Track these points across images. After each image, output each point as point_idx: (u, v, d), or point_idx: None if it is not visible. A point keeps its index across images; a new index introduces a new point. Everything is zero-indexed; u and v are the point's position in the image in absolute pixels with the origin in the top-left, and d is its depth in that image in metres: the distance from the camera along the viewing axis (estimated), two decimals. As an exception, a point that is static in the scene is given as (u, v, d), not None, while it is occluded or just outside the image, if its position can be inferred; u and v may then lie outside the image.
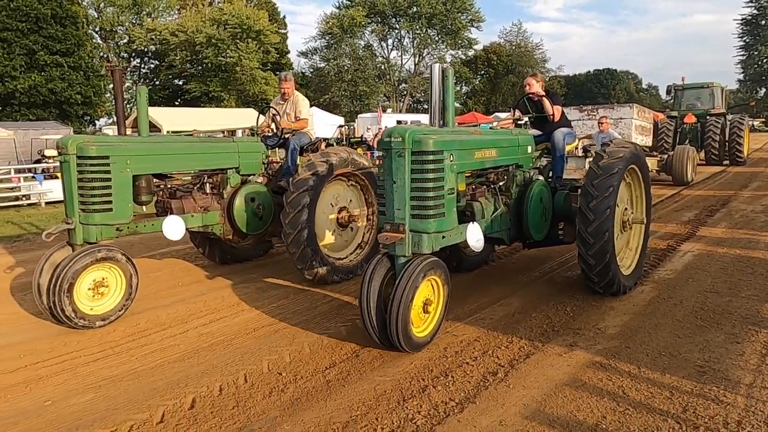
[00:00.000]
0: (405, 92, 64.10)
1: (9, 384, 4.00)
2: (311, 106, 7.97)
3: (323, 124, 33.36)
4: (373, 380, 3.86)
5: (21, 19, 33.54)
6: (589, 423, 3.22)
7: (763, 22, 66.26)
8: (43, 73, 34.76)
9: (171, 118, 28.65)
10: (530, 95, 6.50)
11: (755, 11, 67.30)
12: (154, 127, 26.65)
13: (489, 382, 3.78)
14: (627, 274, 5.65)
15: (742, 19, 68.65)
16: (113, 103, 46.75)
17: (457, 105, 69.94)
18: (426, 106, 65.31)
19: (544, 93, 6.46)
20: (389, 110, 52.13)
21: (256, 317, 5.30)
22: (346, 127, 38.83)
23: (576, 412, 3.36)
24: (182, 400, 3.66)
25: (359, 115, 43.89)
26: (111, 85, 48.73)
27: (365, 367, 4.09)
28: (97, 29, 48.66)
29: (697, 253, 7.34)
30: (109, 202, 5.27)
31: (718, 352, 4.16)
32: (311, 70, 62.58)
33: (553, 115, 6.37)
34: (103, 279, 5.20)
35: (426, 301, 4.23)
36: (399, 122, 34.73)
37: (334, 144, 8.17)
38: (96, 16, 48.31)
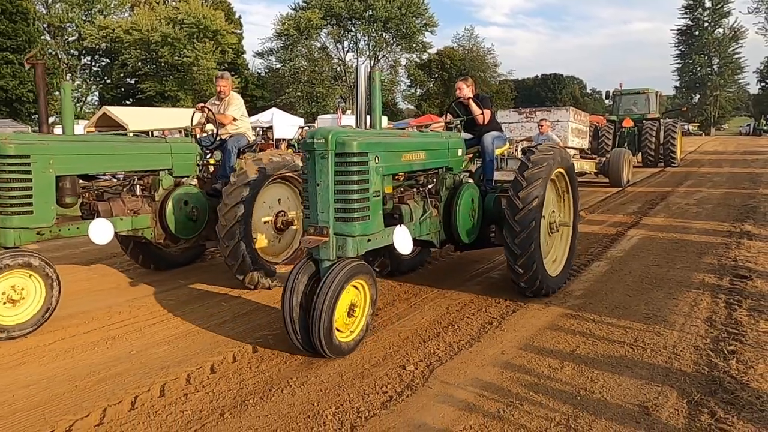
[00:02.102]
0: (362, 94, 63.93)
1: None
2: (271, 107, 7.71)
3: (284, 125, 32.94)
4: (395, 330, 4.76)
5: (-29, 15, 31.97)
6: (567, 351, 4.26)
7: (697, 32, 68.96)
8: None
9: (136, 118, 27.71)
10: (460, 99, 6.45)
11: (689, 22, 70.01)
12: (120, 127, 25.76)
13: (487, 328, 4.78)
14: (554, 276, 5.66)
15: (678, 29, 71.33)
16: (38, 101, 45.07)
17: (412, 107, 70.21)
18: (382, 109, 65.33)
19: (470, 96, 6.41)
20: (348, 111, 51.84)
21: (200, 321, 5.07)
22: (307, 127, 38.41)
23: (556, 344, 4.41)
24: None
25: (319, 116, 43.55)
26: (77, 83, 47.18)
27: (386, 322, 4.93)
28: (45, 25, 46.73)
29: (641, 237, 8.50)
30: (29, 204, 4.89)
31: (659, 304, 5.29)
32: (267, 70, 61.71)
33: (482, 116, 6.33)
34: (21, 288, 4.78)
35: (351, 305, 4.10)
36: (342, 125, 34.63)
37: (295, 144, 7.94)
38: (45, 11, 46.36)
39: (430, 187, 5.26)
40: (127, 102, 48.51)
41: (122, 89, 51.07)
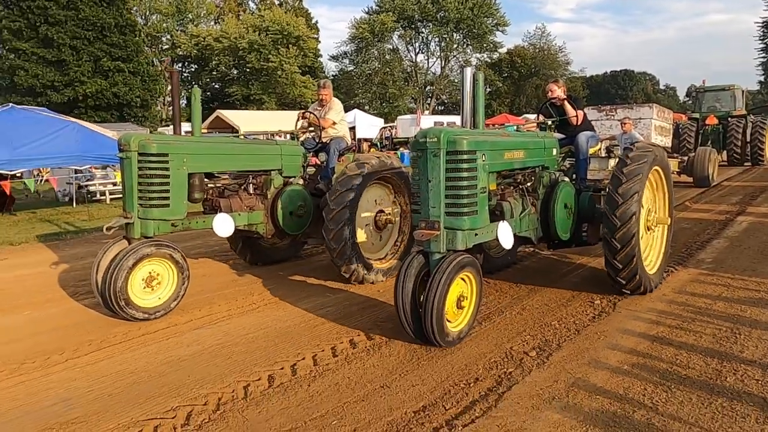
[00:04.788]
0: (431, 94, 63.72)
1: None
2: (353, 108, 7.95)
3: (365, 125, 33.55)
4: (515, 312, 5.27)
5: (88, 27, 34.53)
6: (714, 294, 5.36)
7: (784, 25, 63.65)
8: (107, 79, 35.73)
9: (245, 120, 29.41)
10: (553, 100, 6.42)
11: (776, 14, 64.70)
12: (231, 129, 27.43)
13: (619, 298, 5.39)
14: (652, 273, 5.52)
15: (763, 22, 66.10)
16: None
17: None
18: (452, 108, 64.86)
19: (564, 97, 6.37)
20: (426, 112, 52.00)
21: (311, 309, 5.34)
22: (388, 128, 38.97)
23: (704, 291, 5.52)
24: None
25: (399, 117, 43.95)
26: (170, 87, 49.94)
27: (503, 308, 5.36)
28: (143, 35, 49.77)
29: (750, 221, 9.41)
30: (167, 198, 5.27)
31: (779, 268, 6.31)
32: (341, 73, 62.63)
33: (576, 117, 6.28)
34: (157, 274, 5.18)
35: (460, 297, 4.20)
36: (436, 123, 34.73)
37: (377, 144, 8.11)
38: (143, 23, 49.27)
39: (528, 185, 5.29)
40: (212, 105, 50.78)
41: (209, 93, 53.41)
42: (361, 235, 6.23)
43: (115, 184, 15.54)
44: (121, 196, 5.84)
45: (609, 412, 3.22)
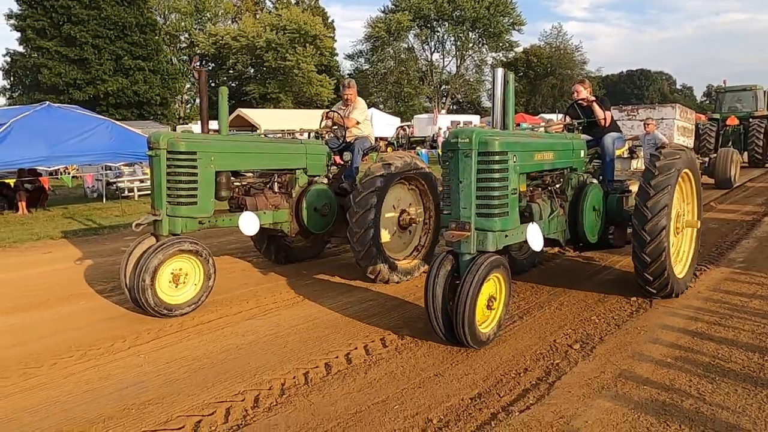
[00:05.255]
0: (446, 93, 63.47)
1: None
2: (370, 107, 7.90)
3: (382, 124, 33.58)
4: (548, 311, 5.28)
5: (109, 26, 34.99)
6: (749, 293, 5.41)
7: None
8: (128, 77, 36.11)
9: (265, 119, 29.64)
10: (579, 101, 6.33)
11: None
12: (252, 127, 27.64)
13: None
14: (680, 278, 5.42)
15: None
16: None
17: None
18: (466, 107, 64.57)
19: (593, 99, 6.28)
20: (443, 111, 51.85)
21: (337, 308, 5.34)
22: (405, 126, 38.89)
23: (737, 289, 5.55)
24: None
25: (415, 116, 43.86)
26: (186, 86, 50.34)
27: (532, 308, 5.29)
28: (162, 34, 50.12)
29: None
30: (195, 196, 5.28)
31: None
32: (356, 72, 62.54)
33: (604, 119, 6.19)
34: (185, 273, 5.17)
35: (490, 298, 4.15)
36: (453, 122, 34.68)
37: (394, 143, 8.05)
38: (162, 22, 49.62)
39: (557, 186, 5.22)
40: (229, 103, 51.00)
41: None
42: (385, 235, 6.17)
43: (142, 181, 15.71)
44: (149, 192, 5.85)
45: (658, 401, 3.32)
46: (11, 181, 12.47)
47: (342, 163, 7.18)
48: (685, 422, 3.07)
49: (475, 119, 41.21)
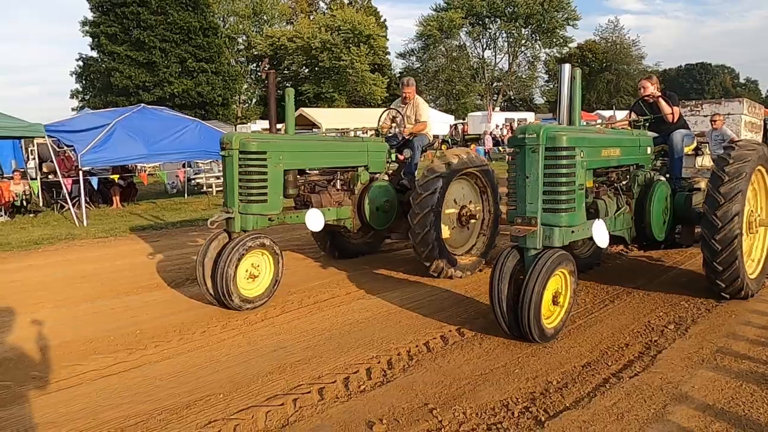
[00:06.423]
0: (498, 91, 62.47)
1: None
2: None
3: (437, 122, 33.58)
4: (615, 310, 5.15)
5: (175, 31, 36.44)
6: None
7: None
8: (192, 79, 37.53)
9: (326, 118, 30.27)
10: (646, 97, 6.14)
11: None
12: (313, 125, 28.29)
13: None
14: (753, 278, 5.18)
15: None
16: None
17: (543, 102, 67.13)
18: (518, 104, 63.36)
19: (659, 94, 6.08)
20: (497, 108, 51.22)
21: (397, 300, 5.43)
22: (459, 124, 38.66)
23: None
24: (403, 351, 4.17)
25: (470, 114, 43.53)
26: (245, 87, 51.75)
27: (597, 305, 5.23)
28: (221, 37, 51.58)
29: None
30: (265, 194, 5.37)
31: None
32: (407, 70, 62.37)
33: (672, 115, 5.99)
34: (258, 265, 5.30)
35: (555, 293, 4.12)
36: (507, 120, 34.29)
37: (449, 141, 8.02)
38: (222, 24, 51.06)
39: (623, 183, 5.10)
40: (283, 103, 51.95)
41: (280, 92, 54.75)
42: (445, 231, 6.17)
43: (218, 177, 16.31)
44: (225, 188, 6.03)
45: (758, 373, 3.56)
46: (115, 177, 13.44)
47: (402, 160, 7.23)
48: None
49: (529, 116, 40.50)
